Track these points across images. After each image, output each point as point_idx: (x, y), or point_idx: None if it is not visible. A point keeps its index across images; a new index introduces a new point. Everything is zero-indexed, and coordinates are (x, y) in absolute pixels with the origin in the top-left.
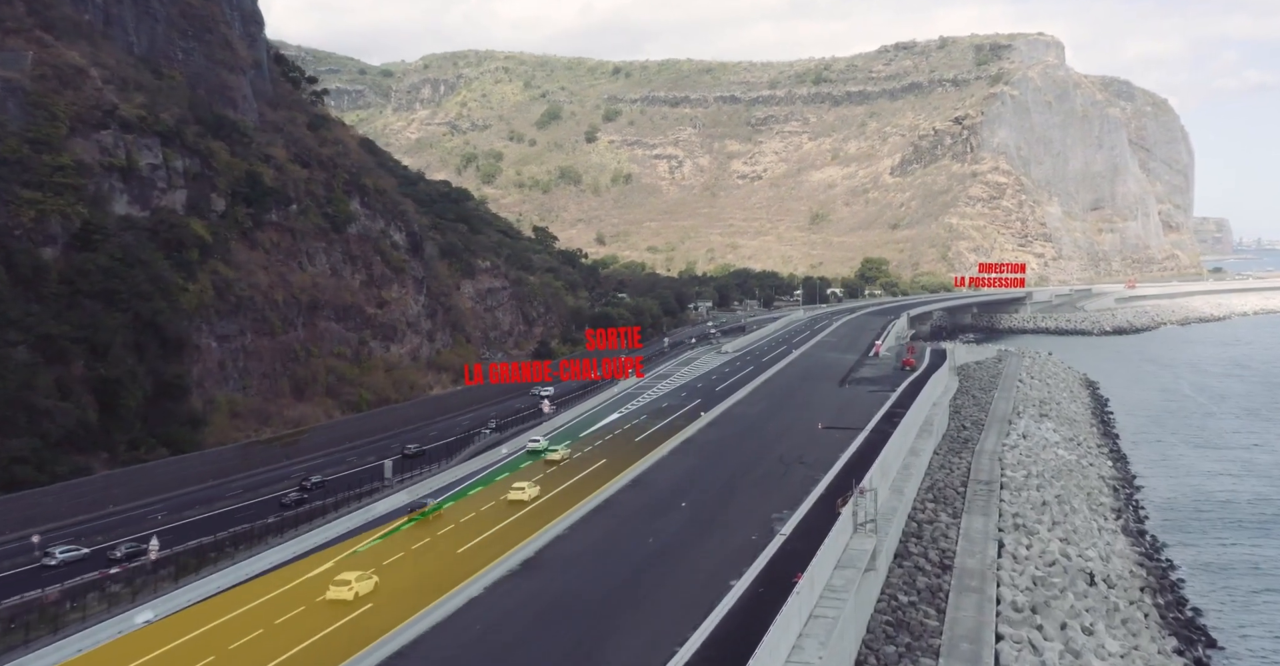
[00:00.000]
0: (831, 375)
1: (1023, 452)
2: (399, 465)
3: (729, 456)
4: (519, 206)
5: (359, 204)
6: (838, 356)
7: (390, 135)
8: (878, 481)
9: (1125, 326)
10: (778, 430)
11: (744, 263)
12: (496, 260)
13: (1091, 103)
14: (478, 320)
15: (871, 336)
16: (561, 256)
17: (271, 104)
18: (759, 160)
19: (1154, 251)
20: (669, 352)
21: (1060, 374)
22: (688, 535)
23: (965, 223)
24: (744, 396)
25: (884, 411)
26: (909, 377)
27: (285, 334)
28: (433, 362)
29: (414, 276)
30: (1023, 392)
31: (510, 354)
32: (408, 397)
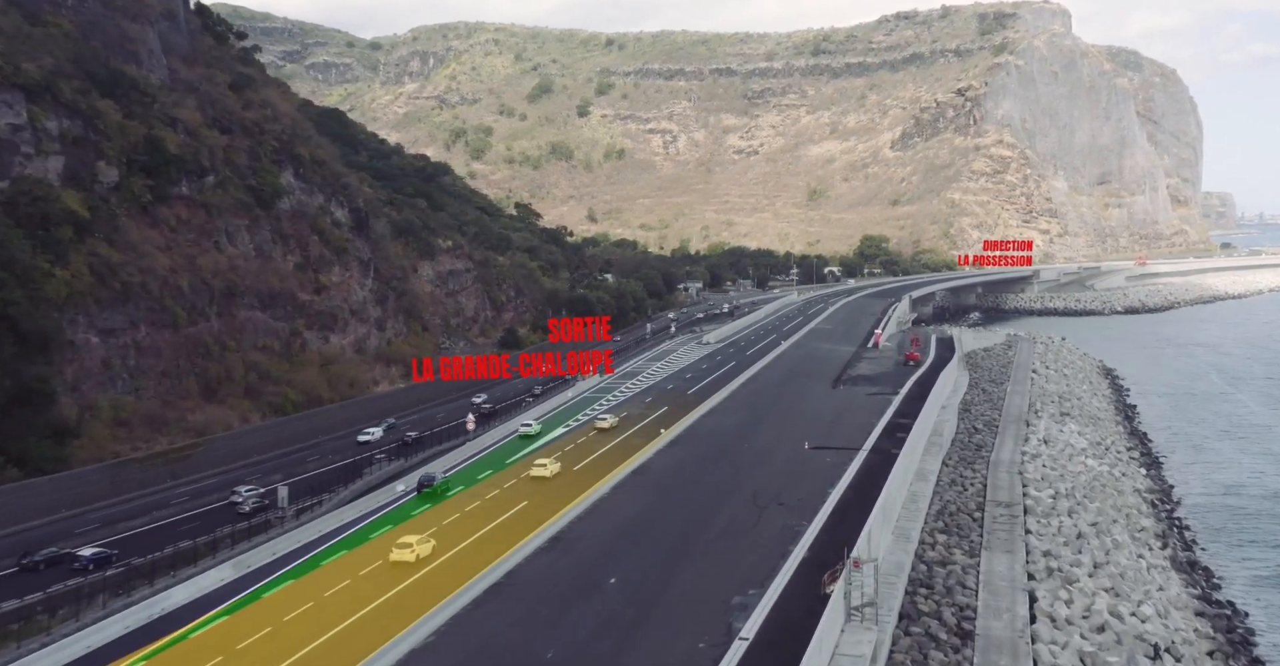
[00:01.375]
0: (824, 372)
1: (1046, 464)
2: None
3: (688, 494)
4: (509, 183)
5: (292, 176)
6: (832, 348)
7: (377, 110)
8: (879, 531)
9: (1138, 306)
10: (755, 452)
11: (739, 240)
12: (460, 239)
13: (1099, 73)
14: (437, 306)
15: (870, 323)
16: (545, 235)
17: (187, 60)
18: (755, 134)
19: (1162, 227)
20: (650, 339)
21: (1076, 362)
22: (604, 646)
23: (968, 198)
24: (720, 402)
25: (885, 422)
26: (913, 375)
27: (193, 325)
28: (382, 354)
29: (359, 258)
30: (1039, 386)
31: (474, 343)
32: (346, 396)
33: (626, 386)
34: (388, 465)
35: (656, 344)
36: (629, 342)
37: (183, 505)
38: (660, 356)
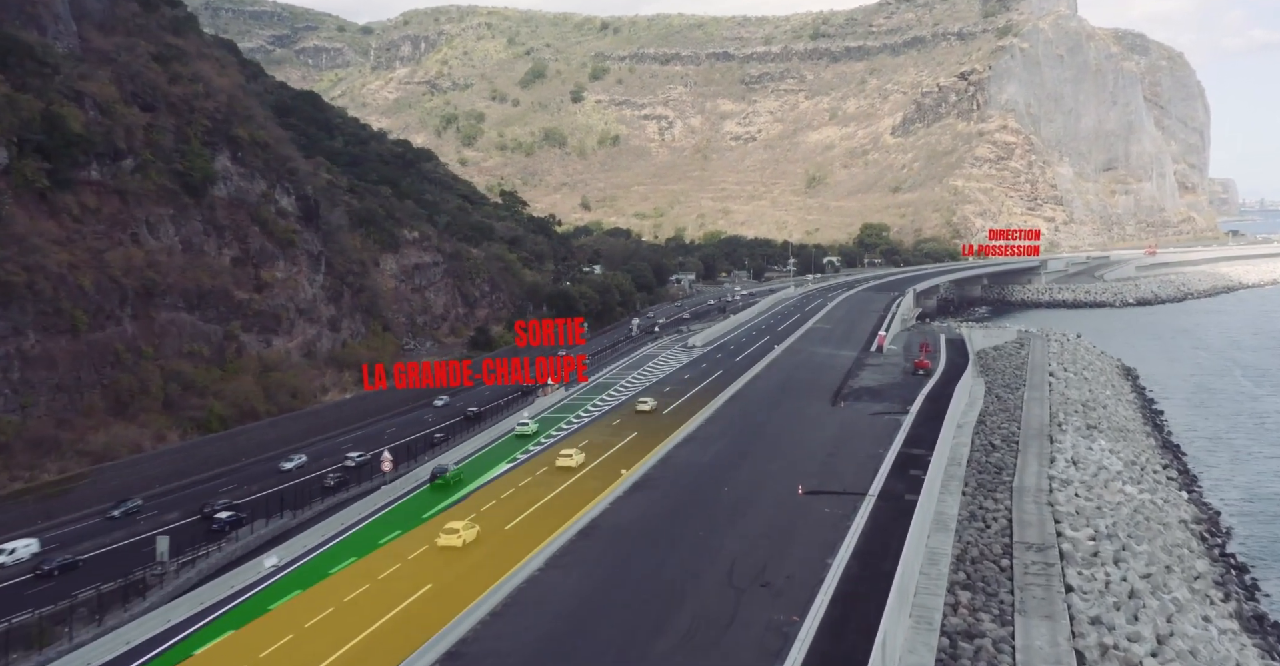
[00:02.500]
0: (822, 384)
1: (1079, 493)
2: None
3: (644, 572)
4: (500, 170)
5: (229, 160)
6: (831, 353)
7: (368, 95)
8: (895, 628)
9: (1150, 297)
10: (736, 499)
11: (736, 229)
12: (428, 230)
13: (1106, 56)
14: (401, 303)
15: (872, 321)
16: (532, 224)
17: (104, 28)
18: (753, 120)
19: (1169, 214)
20: (632, 339)
21: (1095, 362)
22: None
23: (971, 185)
24: (700, 425)
25: (895, 452)
26: (924, 387)
27: (100, 330)
28: (335, 358)
29: (309, 250)
30: (1059, 391)
31: (443, 343)
32: (288, 408)
33: (595, 404)
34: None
35: (638, 347)
36: (609, 344)
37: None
38: (639, 363)
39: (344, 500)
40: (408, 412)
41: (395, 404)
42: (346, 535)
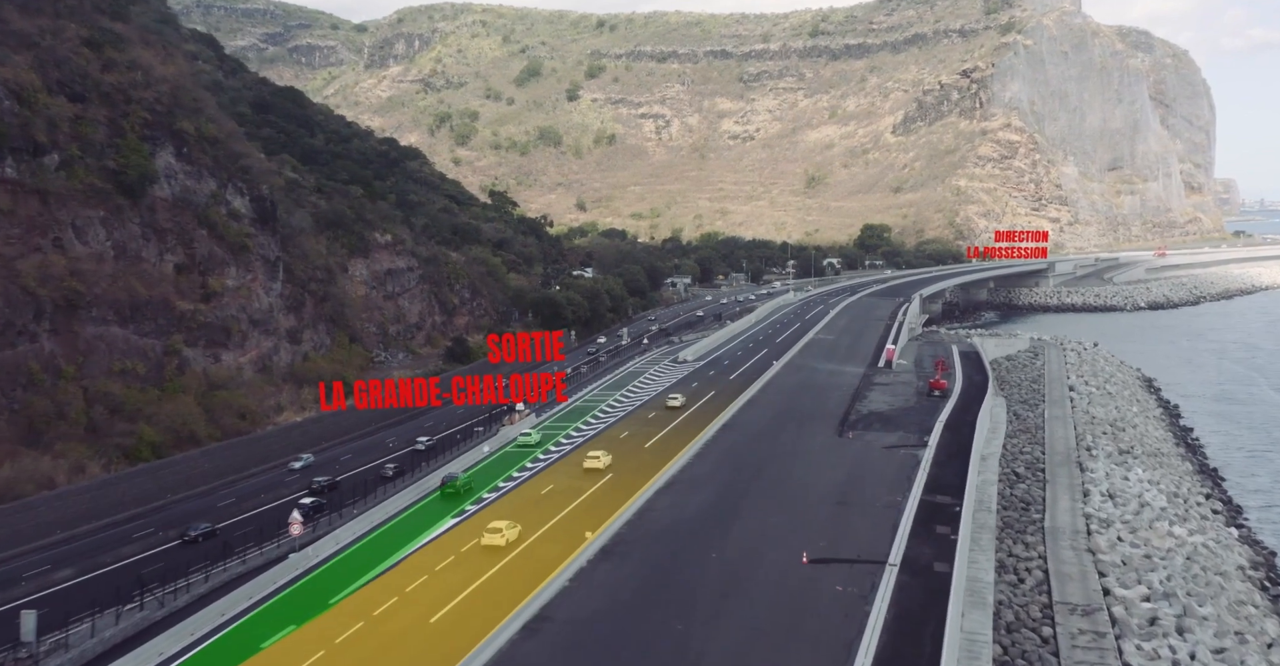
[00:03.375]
0: (827, 409)
1: (1123, 536)
2: None
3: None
4: (495, 169)
5: (173, 156)
6: (835, 370)
7: (360, 93)
8: None
9: (1162, 301)
10: (725, 573)
11: (734, 230)
12: (403, 232)
13: (1111, 54)
14: (372, 311)
15: (878, 332)
16: (523, 225)
17: (25, 9)
18: (751, 119)
19: (1175, 215)
20: (621, 353)
21: (1116, 374)
22: None
23: (974, 185)
24: (685, 466)
25: (915, 501)
26: (941, 412)
27: (10, 348)
28: (294, 373)
29: (264, 256)
30: (1082, 409)
31: (418, 354)
32: (235, 431)
33: (566, 438)
34: None
35: (624, 362)
36: (596, 355)
37: None
38: (624, 382)
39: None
40: (371, 434)
41: (356, 425)
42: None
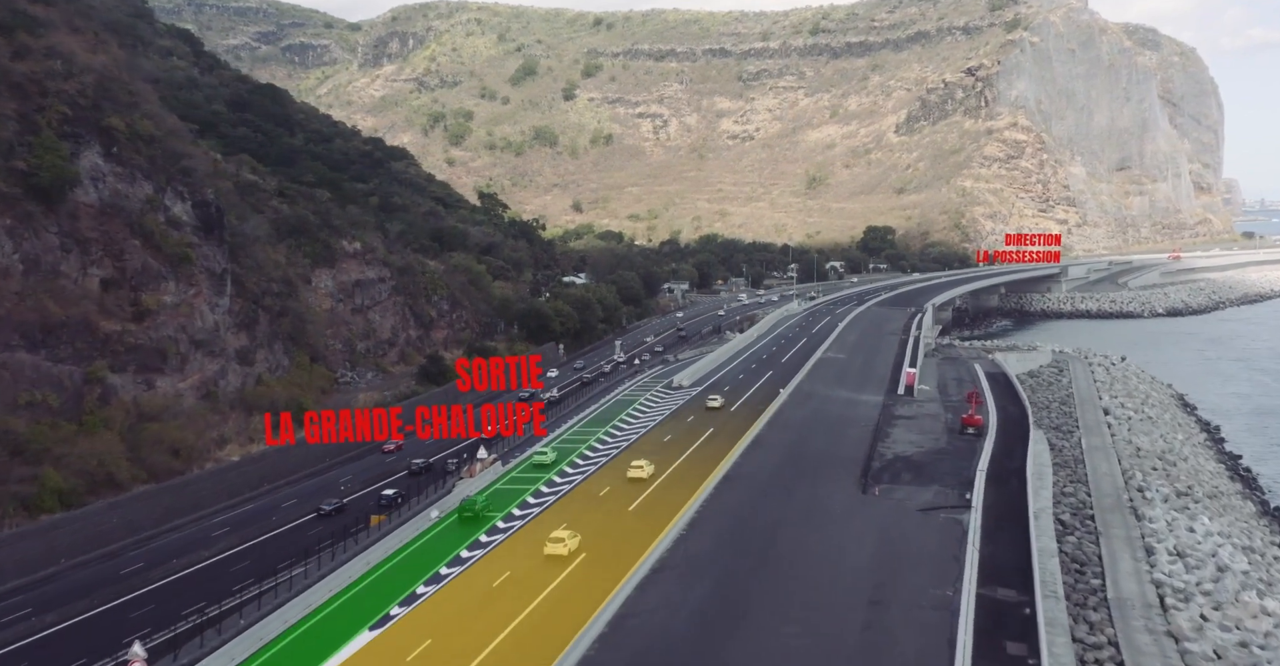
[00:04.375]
0: (844, 454)
1: (1207, 615)
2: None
3: None
4: (489, 170)
5: (100, 157)
6: (849, 398)
7: (353, 93)
8: None
9: (1180, 307)
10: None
11: (734, 231)
12: (374, 240)
13: (1119, 51)
14: (338, 327)
15: (893, 349)
16: (514, 228)
17: None
18: (751, 118)
19: (1185, 216)
20: (610, 376)
21: (1150, 393)
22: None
23: (980, 185)
24: (678, 536)
25: (970, 598)
26: (980, 456)
27: None
28: (244, 399)
29: (210, 268)
30: (1123, 438)
31: (389, 372)
32: (165, 473)
33: (537, 494)
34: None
35: (613, 387)
36: (578, 378)
37: None
38: (611, 414)
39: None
40: (326, 471)
41: (307, 462)
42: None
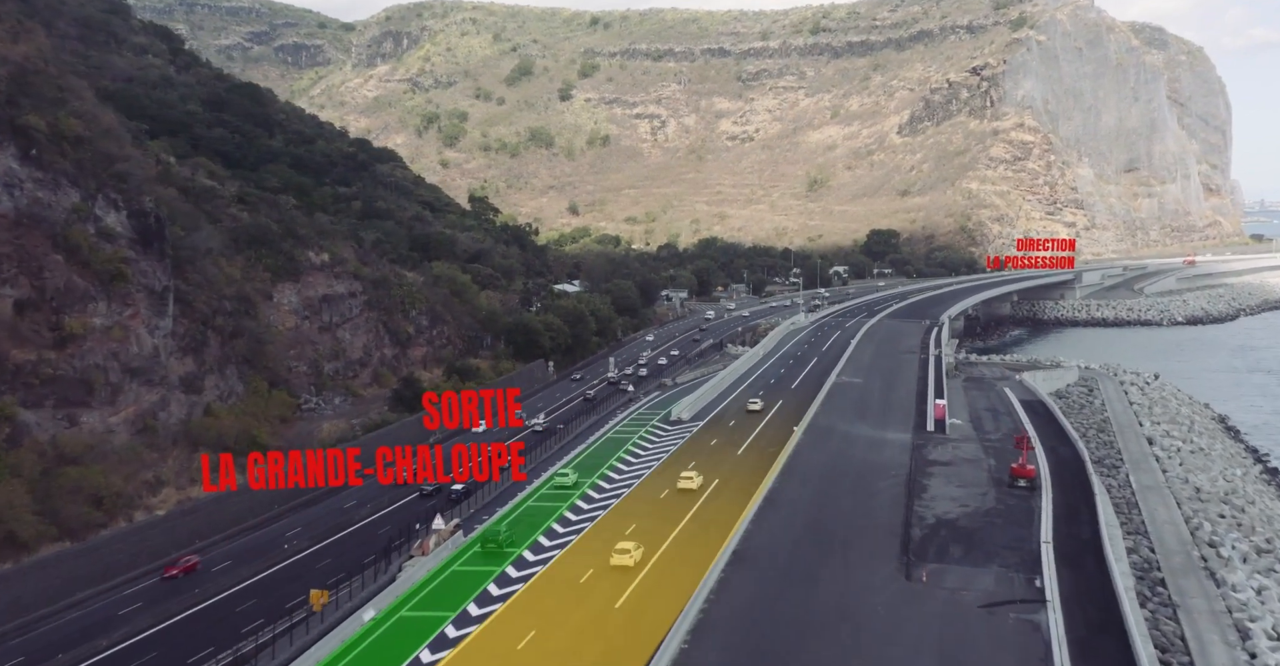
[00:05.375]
0: (876, 516)
1: None
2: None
3: None
4: (484, 172)
5: (15, 160)
6: (873, 437)
7: (346, 93)
8: None
9: (1200, 315)
10: None
11: (733, 235)
12: (344, 250)
13: (1127, 50)
14: (303, 347)
15: (913, 369)
16: (506, 233)
17: None
18: (750, 119)
19: (1194, 218)
20: (600, 405)
21: (1194, 418)
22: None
23: (986, 188)
24: (677, 655)
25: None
26: (1038, 519)
27: None
28: (189, 433)
29: (147, 286)
30: (1176, 475)
31: (360, 395)
32: (79, 528)
33: (494, 588)
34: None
35: (601, 424)
36: (562, 407)
37: None
38: (595, 462)
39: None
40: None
41: (252, 510)
42: None
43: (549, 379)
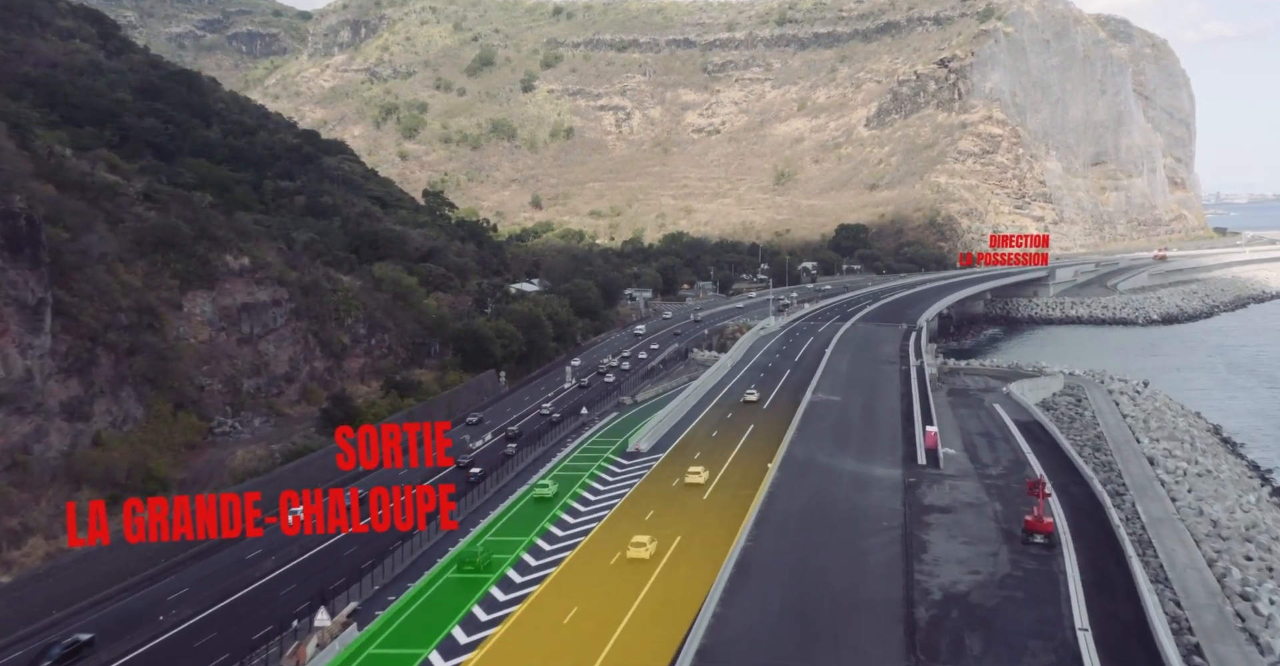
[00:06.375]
0: (871, 593)
1: None
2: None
3: None
4: (444, 165)
5: None
6: (858, 473)
7: (302, 83)
8: None
9: (1175, 313)
10: None
11: (699, 229)
12: (268, 253)
13: (1094, 42)
14: (217, 362)
15: (894, 381)
16: (462, 229)
17: None
18: (716, 111)
19: (1160, 212)
20: (542, 437)
21: (1193, 433)
22: None
23: (954, 182)
24: None
25: None
26: (1068, 590)
27: None
28: (72, 468)
29: (18, 299)
30: (1187, 503)
31: (285, 414)
32: None
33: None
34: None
35: (552, 450)
36: (505, 428)
37: None
38: (530, 519)
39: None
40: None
41: (132, 566)
42: None
43: (500, 390)
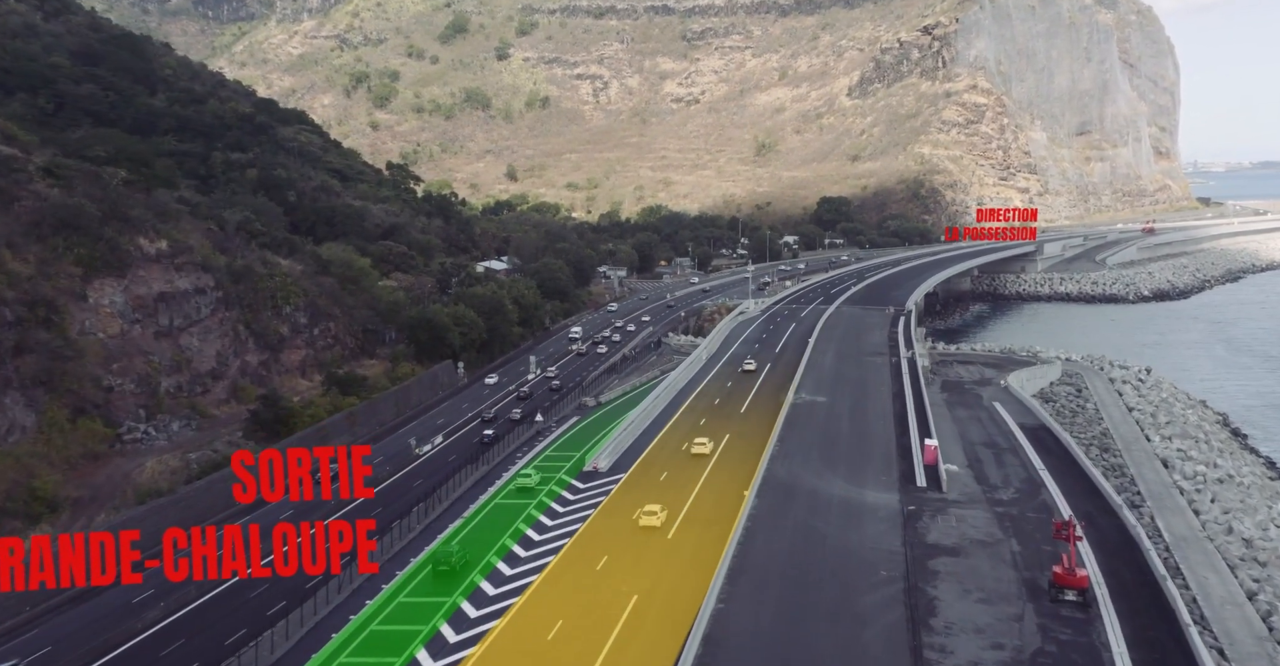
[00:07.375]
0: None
1: None
2: None
3: None
4: (417, 134)
5: None
6: (847, 503)
7: (269, 50)
8: None
9: (1167, 288)
10: None
11: (678, 202)
12: (192, 235)
13: (1080, 8)
14: (130, 359)
15: (883, 376)
16: (428, 204)
17: None
18: (696, 81)
19: (1145, 182)
20: (487, 453)
21: (1204, 426)
22: None
23: (938, 152)
24: None
25: None
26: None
27: None
28: None
29: None
30: (1212, 517)
31: (210, 416)
32: None
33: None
34: None
35: (498, 469)
36: (459, 432)
37: None
38: (480, 550)
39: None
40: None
41: None
42: None
43: (458, 383)
